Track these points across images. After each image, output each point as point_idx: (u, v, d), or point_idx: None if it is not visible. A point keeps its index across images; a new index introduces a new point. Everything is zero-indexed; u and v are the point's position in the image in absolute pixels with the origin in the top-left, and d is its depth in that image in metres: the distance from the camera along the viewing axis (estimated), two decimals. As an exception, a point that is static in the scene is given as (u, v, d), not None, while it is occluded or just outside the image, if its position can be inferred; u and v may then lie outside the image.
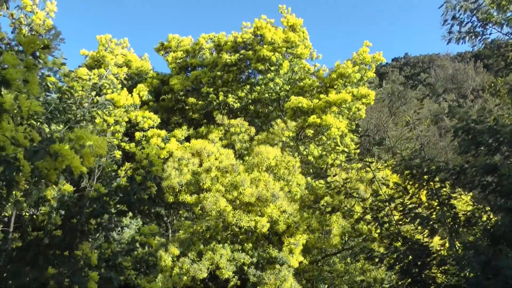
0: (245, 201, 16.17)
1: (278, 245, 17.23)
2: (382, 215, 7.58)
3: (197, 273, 15.30)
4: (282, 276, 15.62)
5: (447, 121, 49.19)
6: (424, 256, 7.21)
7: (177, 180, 16.09)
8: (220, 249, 15.89)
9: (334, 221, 17.39)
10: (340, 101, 22.08)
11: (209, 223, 16.58)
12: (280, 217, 16.40)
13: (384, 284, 8.11)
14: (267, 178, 17.03)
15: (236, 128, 20.89)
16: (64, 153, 4.56)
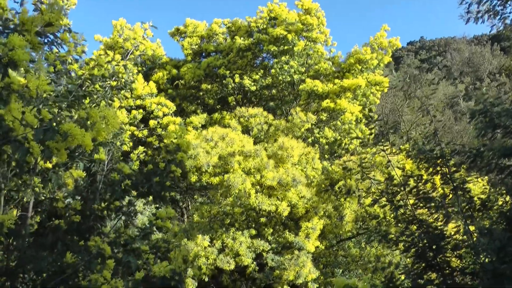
0: (267, 184, 16.30)
1: (295, 230, 17.37)
2: (398, 198, 7.58)
3: (225, 265, 15.51)
4: (301, 261, 15.78)
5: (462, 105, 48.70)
6: (439, 240, 7.22)
7: (204, 160, 16.18)
8: (240, 237, 16.06)
9: (347, 207, 17.46)
10: (354, 86, 21.98)
11: (226, 208, 16.72)
12: (299, 201, 16.52)
13: (399, 268, 8.11)
14: (290, 167, 17.14)
15: (256, 118, 20.90)
16: (74, 132, 4.57)
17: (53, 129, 4.49)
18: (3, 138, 4.35)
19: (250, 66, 25.16)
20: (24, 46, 4.66)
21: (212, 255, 15.56)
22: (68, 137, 4.52)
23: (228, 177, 15.99)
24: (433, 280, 7.45)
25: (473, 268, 6.90)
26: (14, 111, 4.50)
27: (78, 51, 6.76)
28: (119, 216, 6.55)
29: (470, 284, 7.32)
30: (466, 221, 6.77)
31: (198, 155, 16.31)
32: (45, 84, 4.88)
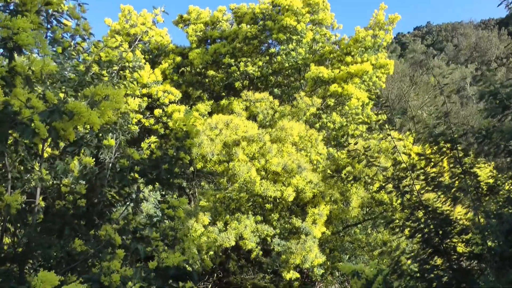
0: (272, 170, 16.34)
1: (301, 215, 17.43)
2: (404, 184, 7.56)
3: (225, 241, 15.61)
4: (307, 246, 15.86)
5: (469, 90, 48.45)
6: (446, 225, 7.22)
7: (209, 149, 16.21)
8: (245, 220, 16.13)
9: (354, 192, 17.48)
10: (361, 72, 21.87)
11: (233, 194, 16.80)
12: (306, 186, 16.55)
13: (405, 253, 8.13)
14: (290, 149, 17.15)
15: (261, 103, 20.86)
16: (79, 111, 4.54)
17: (58, 109, 4.47)
18: (10, 122, 4.34)
19: (255, 53, 25.05)
20: (29, 28, 4.61)
21: (213, 234, 15.64)
22: (74, 116, 4.50)
23: (233, 165, 16.03)
24: (439, 265, 7.46)
25: (480, 251, 6.90)
26: (19, 95, 4.48)
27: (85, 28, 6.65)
28: (128, 203, 6.54)
29: (476, 269, 7.33)
30: (475, 203, 6.74)
31: (202, 143, 16.34)
32: (50, 65, 4.83)
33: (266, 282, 21.01)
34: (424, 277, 7.38)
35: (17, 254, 5.37)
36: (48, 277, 3.84)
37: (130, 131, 7.90)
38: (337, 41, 26.02)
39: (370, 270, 9.46)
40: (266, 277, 21.16)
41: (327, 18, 25.02)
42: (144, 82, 21.63)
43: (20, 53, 4.62)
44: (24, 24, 4.54)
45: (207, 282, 21.33)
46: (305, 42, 23.84)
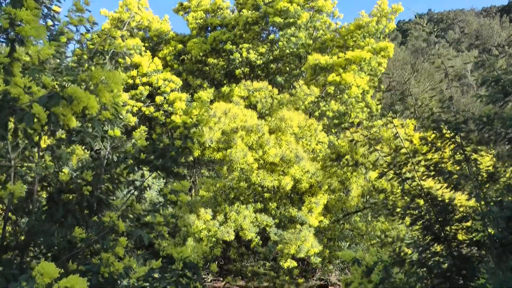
0: (269, 160, 16.36)
1: (299, 204, 17.47)
2: (405, 170, 7.56)
3: (225, 235, 15.69)
4: (302, 236, 15.92)
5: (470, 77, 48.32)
6: (447, 212, 7.22)
7: (207, 136, 16.23)
8: (244, 211, 16.19)
9: (354, 181, 17.50)
10: (359, 59, 21.79)
11: (232, 182, 16.83)
12: (303, 176, 16.58)
13: (405, 240, 8.16)
14: (289, 138, 17.15)
15: (260, 92, 20.83)
16: (78, 95, 4.52)
17: (57, 94, 4.45)
18: (9, 108, 4.33)
19: (256, 40, 24.98)
20: (31, 21, 4.59)
21: (213, 228, 15.73)
22: (73, 100, 4.48)
23: (230, 152, 16.06)
24: (439, 252, 7.48)
25: (481, 238, 6.92)
26: (19, 83, 4.47)
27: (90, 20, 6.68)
28: (131, 190, 6.51)
29: (476, 256, 7.35)
30: (476, 190, 6.74)
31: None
32: (46, 50, 4.81)
33: (266, 269, 21.10)
34: (424, 264, 7.41)
35: (18, 243, 5.39)
36: (48, 269, 3.83)
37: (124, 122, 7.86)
38: (337, 29, 25.93)
39: (370, 258, 9.49)
40: (267, 264, 21.23)
41: (327, 5, 24.91)
42: (144, 71, 21.59)
43: (22, 44, 4.60)
44: (28, 17, 4.53)
45: (208, 269, 21.43)
46: (300, 23, 23.69)
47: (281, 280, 20.48)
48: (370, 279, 9.12)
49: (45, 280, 3.79)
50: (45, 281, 3.79)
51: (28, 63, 4.95)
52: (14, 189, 4.86)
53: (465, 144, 7.12)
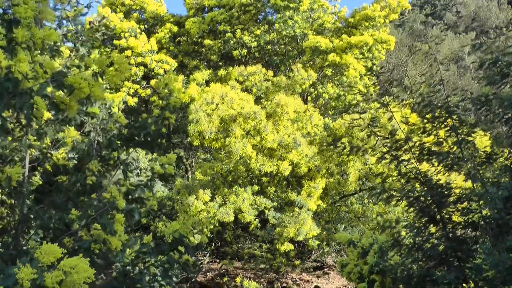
0: (267, 146, 16.34)
1: (297, 188, 17.50)
2: (401, 153, 7.55)
3: (224, 216, 15.71)
4: (301, 219, 15.98)
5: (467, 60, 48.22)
6: (442, 194, 7.24)
7: (206, 126, 16.13)
8: (243, 193, 16.20)
9: (351, 166, 17.52)
10: (362, 43, 21.74)
11: (230, 166, 16.84)
12: (301, 160, 16.58)
13: (400, 222, 8.18)
14: (286, 123, 17.12)
15: (255, 76, 20.72)
16: (80, 85, 4.47)
17: (58, 81, 4.40)
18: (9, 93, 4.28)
19: (253, 21, 24.79)
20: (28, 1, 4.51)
21: (212, 209, 15.74)
22: (74, 90, 4.44)
23: (229, 141, 16.01)
24: (435, 234, 7.51)
25: (477, 219, 6.94)
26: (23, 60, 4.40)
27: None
28: (118, 165, 6.44)
29: (472, 237, 7.39)
30: (474, 170, 6.75)
31: (200, 119, 16.26)
32: (53, 34, 4.74)
33: (262, 252, 21.21)
34: (420, 246, 7.44)
35: (13, 226, 5.38)
36: (52, 250, 3.86)
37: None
38: (336, 11, 25.76)
39: (366, 240, 9.54)
40: (263, 247, 21.34)
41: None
42: (138, 51, 21.42)
43: (17, 25, 4.53)
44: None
45: (205, 251, 21.54)
46: (302, 10, 23.56)
47: (277, 262, 20.61)
48: (365, 261, 9.18)
49: (50, 259, 3.82)
50: (50, 260, 3.82)
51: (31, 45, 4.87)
52: (12, 173, 4.82)
53: (458, 126, 7.11)
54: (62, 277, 3.75)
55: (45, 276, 3.71)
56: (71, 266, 3.79)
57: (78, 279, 3.77)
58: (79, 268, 3.79)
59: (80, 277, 3.77)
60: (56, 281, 3.73)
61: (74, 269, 3.79)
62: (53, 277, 3.72)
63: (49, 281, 3.70)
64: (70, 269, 3.79)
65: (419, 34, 46.76)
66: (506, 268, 5.56)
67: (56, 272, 3.76)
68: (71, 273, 3.78)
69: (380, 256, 8.85)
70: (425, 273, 7.45)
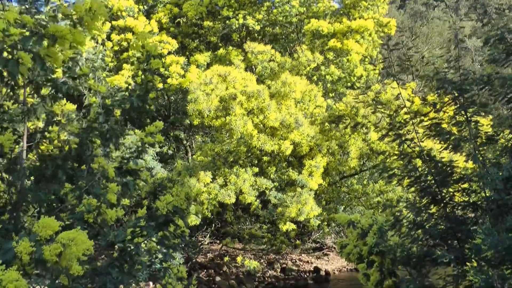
0: (269, 125, 16.32)
1: (298, 167, 17.53)
2: (404, 131, 7.52)
3: (226, 198, 15.75)
4: (303, 199, 16.02)
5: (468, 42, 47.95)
6: (445, 174, 7.23)
7: (205, 105, 16.09)
8: (243, 174, 16.22)
9: (352, 143, 17.55)
10: (362, 29, 21.60)
11: (230, 146, 16.83)
12: (302, 140, 16.58)
13: (401, 202, 8.19)
14: (289, 103, 17.09)
15: (262, 55, 20.61)
16: (62, 34, 4.38)
17: (39, 34, 4.32)
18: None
19: (251, 3, 24.60)
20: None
21: (214, 191, 15.77)
22: (57, 39, 4.35)
23: (229, 119, 15.98)
24: (435, 214, 7.52)
25: (477, 200, 6.94)
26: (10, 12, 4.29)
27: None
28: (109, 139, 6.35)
29: (471, 217, 7.39)
30: (475, 151, 6.73)
31: (198, 98, 16.21)
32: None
33: (263, 232, 21.33)
34: (420, 226, 7.44)
35: (12, 202, 5.36)
36: (49, 223, 3.85)
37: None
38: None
39: (365, 220, 9.54)
40: (263, 227, 21.47)
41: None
42: (138, 31, 21.27)
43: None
44: None
45: (205, 232, 21.66)
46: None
47: (278, 242, 20.75)
48: (365, 242, 9.18)
49: (48, 232, 3.81)
50: (48, 233, 3.81)
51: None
52: (3, 140, 4.73)
53: (468, 105, 7.06)
54: (61, 250, 3.75)
55: (44, 249, 3.70)
56: (69, 239, 3.78)
57: (76, 251, 3.76)
58: (77, 241, 3.78)
59: (79, 249, 3.77)
60: (55, 254, 3.73)
61: (72, 241, 3.78)
62: (52, 250, 3.71)
63: (47, 253, 3.69)
64: (69, 242, 3.77)
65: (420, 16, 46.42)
66: (505, 248, 5.57)
67: (54, 244, 3.74)
68: (70, 246, 3.77)
69: (379, 237, 8.85)
70: (425, 253, 7.47)
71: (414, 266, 7.86)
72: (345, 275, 22.55)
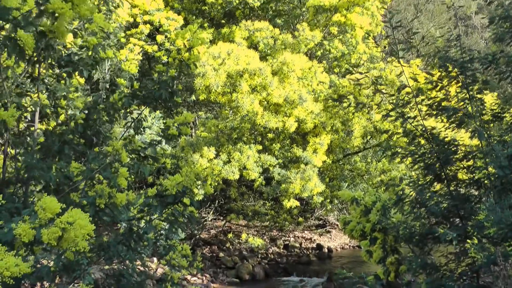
0: (273, 101, 16.29)
1: (303, 144, 17.55)
2: (408, 110, 7.51)
3: (229, 175, 15.78)
4: (306, 175, 16.07)
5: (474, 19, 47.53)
6: (448, 151, 7.24)
7: (213, 80, 15.99)
8: (247, 150, 16.23)
9: (356, 122, 17.53)
10: (362, 0, 21.33)
11: (234, 123, 16.82)
12: (307, 116, 16.56)
13: (404, 180, 8.21)
14: (292, 80, 17.02)
15: (261, 32, 20.46)
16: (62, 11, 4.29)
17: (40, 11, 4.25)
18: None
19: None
20: None
21: (217, 167, 15.80)
22: (57, 17, 4.27)
23: (236, 96, 15.92)
24: (439, 191, 7.55)
25: (481, 177, 6.96)
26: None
27: None
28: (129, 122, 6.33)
29: (475, 195, 7.42)
30: (480, 127, 6.73)
31: (206, 73, 16.11)
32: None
33: (266, 209, 21.44)
34: (424, 203, 7.48)
35: (19, 177, 5.38)
36: (50, 205, 3.77)
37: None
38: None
39: (369, 197, 9.58)
40: (267, 204, 21.56)
41: None
42: (146, 9, 21.11)
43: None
44: None
45: (209, 209, 21.78)
46: None
47: (281, 219, 20.87)
48: (368, 219, 9.24)
49: (47, 215, 3.76)
50: (48, 216, 3.76)
51: None
52: (7, 116, 4.67)
53: (470, 83, 7.04)
54: (60, 234, 3.70)
55: (42, 232, 3.66)
56: (69, 222, 3.71)
57: (76, 235, 3.71)
58: (77, 225, 3.69)
59: (78, 233, 3.67)
60: (54, 238, 3.68)
61: (72, 226, 3.69)
62: (50, 233, 3.63)
63: (45, 237, 3.63)
64: (68, 226, 3.69)
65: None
66: (508, 225, 5.59)
67: (53, 228, 3.65)
68: (69, 230, 3.72)
69: (382, 214, 8.90)
70: (427, 230, 7.52)
71: (416, 244, 7.93)
72: (347, 252, 22.72)
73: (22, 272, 3.44)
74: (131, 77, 6.18)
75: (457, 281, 7.22)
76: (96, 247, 5.15)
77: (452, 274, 7.29)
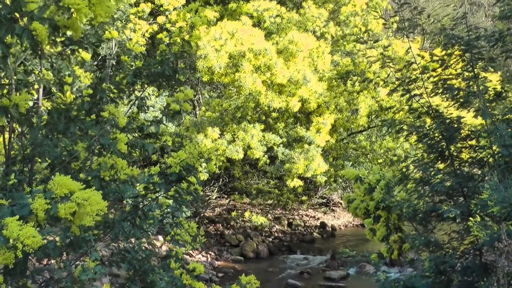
0: (277, 82, 16.24)
1: (306, 124, 17.54)
2: (414, 87, 7.49)
3: (234, 154, 15.82)
4: (310, 155, 16.10)
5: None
6: (453, 130, 7.23)
7: (215, 62, 15.93)
8: (251, 129, 16.24)
9: (362, 100, 17.48)
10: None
11: (238, 102, 16.80)
12: (310, 96, 16.52)
13: (408, 158, 8.22)
14: (297, 60, 16.94)
15: (269, 11, 20.28)
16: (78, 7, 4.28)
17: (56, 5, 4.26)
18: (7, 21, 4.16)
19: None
20: None
21: (221, 147, 15.83)
22: (72, 13, 4.29)
23: (239, 76, 15.88)
24: (443, 170, 7.56)
25: (485, 156, 6.96)
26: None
27: None
28: (132, 100, 6.34)
29: (479, 174, 7.43)
30: (484, 106, 6.70)
31: (208, 55, 16.04)
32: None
33: (270, 188, 21.51)
34: (427, 181, 7.49)
35: (26, 155, 5.40)
36: (65, 182, 3.87)
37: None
38: None
39: (373, 175, 9.60)
40: (271, 183, 21.63)
41: None
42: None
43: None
44: None
45: (213, 187, 21.87)
46: None
47: (285, 197, 20.96)
48: (372, 197, 9.28)
49: (63, 191, 3.85)
50: (63, 192, 3.85)
51: None
52: (19, 100, 4.77)
53: (475, 60, 7.00)
54: (75, 209, 3.81)
55: (59, 207, 3.76)
56: (84, 198, 3.83)
57: (91, 211, 3.82)
58: (91, 201, 3.82)
59: (93, 209, 3.81)
60: (70, 212, 3.79)
61: (87, 201, 3.82)
62: (67, 208, 3.76)
63: (62, 212, 3.74)
64: (83, 201, 3.83)
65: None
66: (511, 203, 5.61)
67: (69, 203, 3.79)
68: (84, 205, 3.83)
69: (386, 192, 8.93)
70: (431, 209, 7.55)
71: (420, 222, 7.97)
72: (351, 230, 22.87)
73: (39, 244, 3.53)
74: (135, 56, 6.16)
75: (460, 259, 7.27)
76: (102, 224, 5.20)
77: (455, 252, 7.34)
